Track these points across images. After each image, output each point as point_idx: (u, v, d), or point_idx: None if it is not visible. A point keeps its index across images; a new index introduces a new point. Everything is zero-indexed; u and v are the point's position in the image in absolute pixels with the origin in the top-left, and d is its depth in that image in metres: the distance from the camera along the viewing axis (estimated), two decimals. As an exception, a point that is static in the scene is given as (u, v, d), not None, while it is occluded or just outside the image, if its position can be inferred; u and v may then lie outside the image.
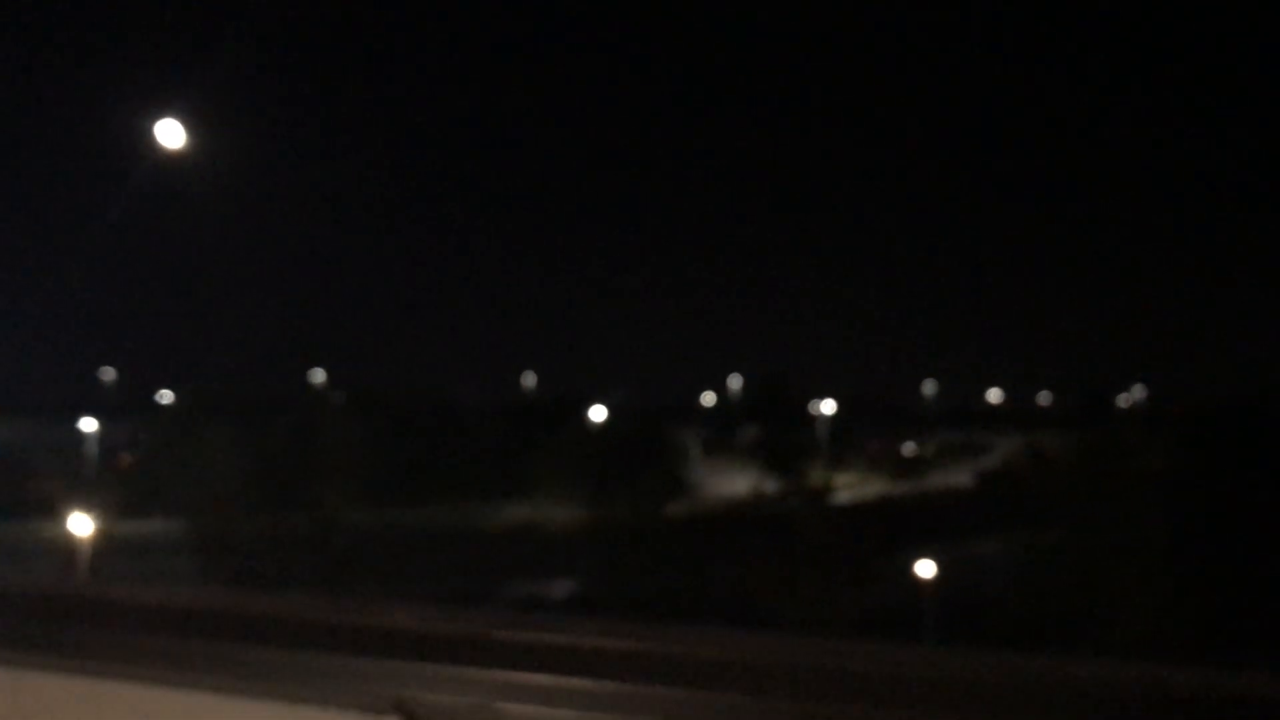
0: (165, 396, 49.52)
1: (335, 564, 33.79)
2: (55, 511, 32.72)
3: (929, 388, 53.36)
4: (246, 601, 6.08)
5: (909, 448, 49.12)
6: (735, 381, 54.78)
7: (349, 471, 38.16)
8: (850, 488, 43.99)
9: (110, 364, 54.74)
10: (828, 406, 47.20)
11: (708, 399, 55.75)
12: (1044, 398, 52.35)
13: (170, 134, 13.25)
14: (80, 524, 30.42)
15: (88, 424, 44.28)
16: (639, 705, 4.52)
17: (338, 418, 41.84)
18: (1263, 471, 34.82)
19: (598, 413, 42.97)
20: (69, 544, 30.56)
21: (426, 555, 37.22)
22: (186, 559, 34.82)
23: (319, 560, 33.86)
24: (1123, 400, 46.69)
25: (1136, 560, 30.12)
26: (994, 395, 54.72)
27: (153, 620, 5.34)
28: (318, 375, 50.48)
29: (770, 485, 42.33)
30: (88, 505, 31.99)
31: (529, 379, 54.55)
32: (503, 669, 4.62)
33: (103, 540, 31.65)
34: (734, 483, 44.31)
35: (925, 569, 30.63)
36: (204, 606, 5.75)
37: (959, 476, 46.42)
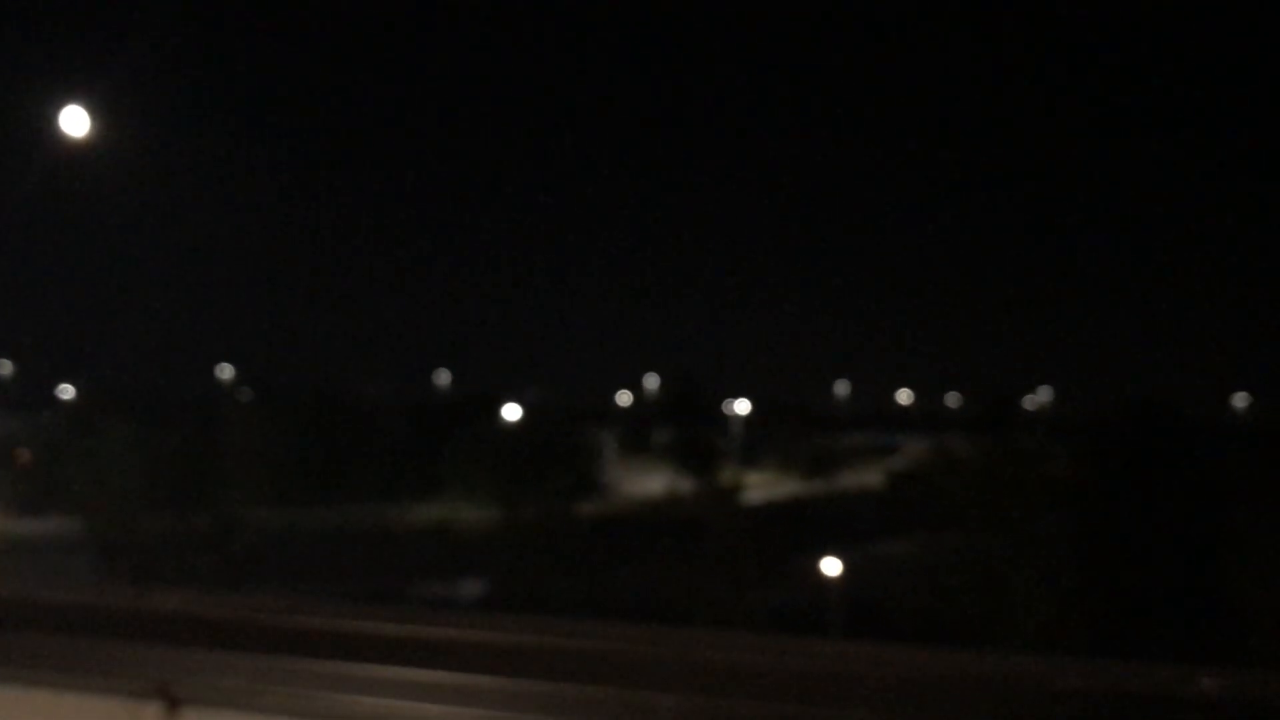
0: (66, 391, 48.49)
1: (237, 564, 33.45)
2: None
3: (841, 388, 53.97)
4: (13, 591, 6.00)
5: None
6: (651, 382, 54.95)
7: (255, 470, 37.72)
8: (762, 487, 44.40)
9: (8, 356, 53.31)
10: (741, 406, 47.58)
11: (624, 399, 55.83)
12: (953, 399, 53.22)
13: (75, 121, 13.06)
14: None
15: (-17, 418, 43.20)
16: (405, 688, 4.56)
17: (244, 415, 41.32)
18: (1157, 478, 35.88)
19: (511, 412, 42.86)
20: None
21: (334, 555, 36.96)
22: (84, 558, 34.19)
23: (220, 560, 33.48)
24: (1029, 403, 47.69)
25: (1037, 561, 30.84)
26: (904, 397, 55.46)
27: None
28: (225, 371, 49.78)
29: (684, 485, 42.51)
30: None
31: (442, 377, 54.22)
32: (267, 653, 4.64)
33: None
34: (649, 483, 44.49)
35: (831, 568, 31.05)
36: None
37: (870, 477, 47.10)
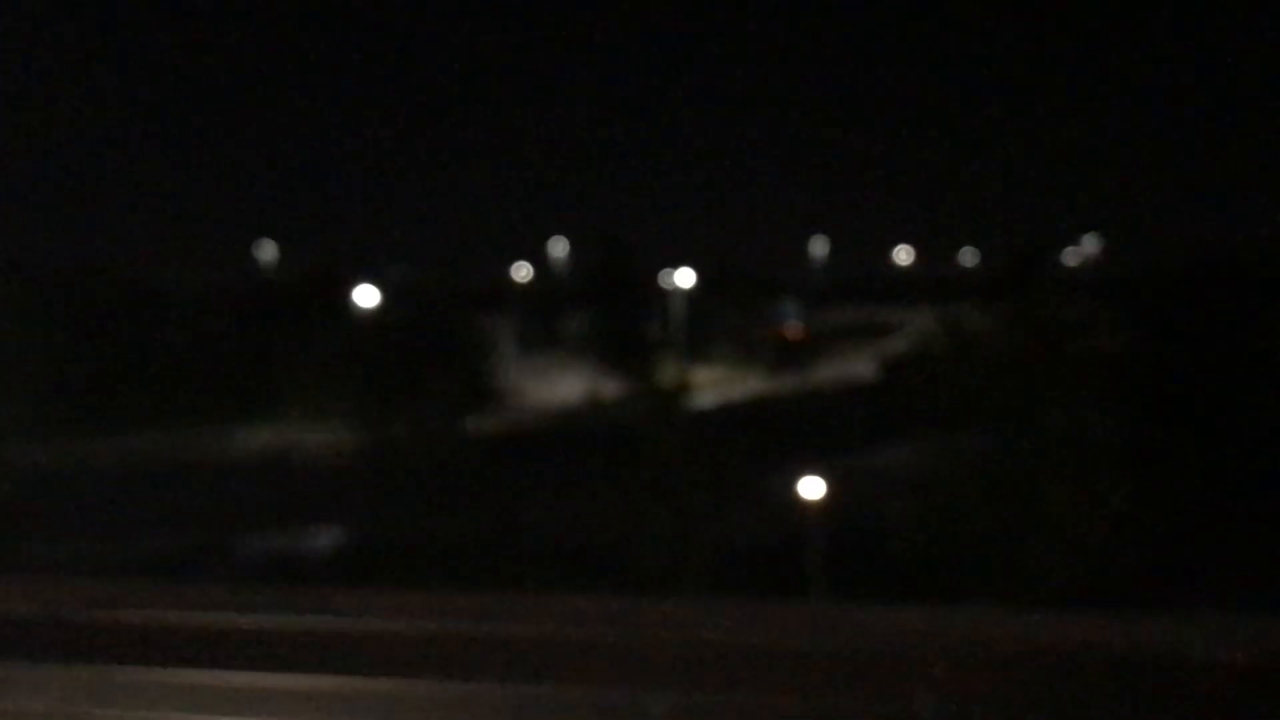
0: None
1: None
2: None
3: (819, 248, 54.18)
4: None
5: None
6: (559, 248, 54.62)
7: (20, 387, 38.36)
8: (715, 387, 44.93)
9: None
10: (684, 278, 47.71)
11: (523, 273, 55.53)
12: (968, 257, 53.72)
13: None
14: None
15: None
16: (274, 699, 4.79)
17: (4, 311, 40.46)
18: (1237, 352, 36.41)
19: (367, 296, 42.62)
20: None
21: (132, 499, 36.80)
22: None
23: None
24: (1071, 257, 48.39)
25: (1079, 469, 31.46)
26: (903, 256, 55.78)
27: None
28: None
29: (610, 388, 42.50)
30: None
31: (267, 251, 53.15)
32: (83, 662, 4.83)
33: None
34: (561, 386, 44.75)
35: (811, 489, 31.50)
36: None
37: (859, 366, 47.85)
